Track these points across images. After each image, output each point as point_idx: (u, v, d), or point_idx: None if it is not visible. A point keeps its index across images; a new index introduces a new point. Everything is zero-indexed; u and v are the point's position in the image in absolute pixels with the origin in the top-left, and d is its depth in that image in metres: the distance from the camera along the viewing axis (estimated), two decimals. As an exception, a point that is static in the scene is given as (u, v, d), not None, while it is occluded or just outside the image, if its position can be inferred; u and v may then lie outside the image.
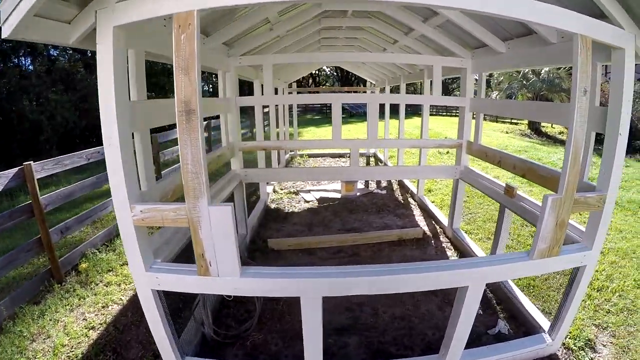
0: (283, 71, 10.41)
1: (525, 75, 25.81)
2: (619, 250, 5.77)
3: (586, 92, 2.54)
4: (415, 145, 7.05)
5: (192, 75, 2.21)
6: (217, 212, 2.40)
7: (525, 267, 2.86)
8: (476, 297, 2.78)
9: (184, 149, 2.30)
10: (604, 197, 2.83)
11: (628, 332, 3.87)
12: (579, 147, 2.60)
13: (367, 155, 13.89)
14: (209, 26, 4.25)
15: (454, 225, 6.05)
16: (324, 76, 49.14)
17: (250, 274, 2.62)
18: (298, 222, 6.93)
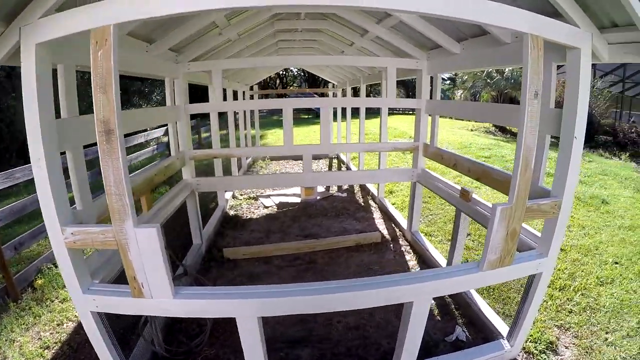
0: (242, 74, 10.27)
1: (489, 73, 26.08)
2: (581, 247, 5.82)
3: (537, 94, 2.46)
4: (368, 149, 7.02)
5: (110, 94, 2.10)
6: (144, 234, 2.29)
7: (475, 280, 2.78)
8: (422, 313, 2.70)
9: (106, 171, 2.19)
10: (559, 202, 2.76)
11: (591, 331, 3.87)
12: (530, 152, 2.52)
13: (330, 156, 13.84)
14: (153, 33, 4.11)
15: (412, 228, 6.00)
16: (291, 77, 49.00)
17: (183, 295, 2.51)
18: (256, 229, 6.80)
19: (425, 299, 2.67)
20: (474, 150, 14.42)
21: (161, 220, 4.12)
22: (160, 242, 2.32)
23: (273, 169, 12.27)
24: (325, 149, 5.81)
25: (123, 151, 2.19)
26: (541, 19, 2.37)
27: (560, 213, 2.78)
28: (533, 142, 2.50)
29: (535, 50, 2.39)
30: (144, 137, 10.30)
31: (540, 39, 2.38)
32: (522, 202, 2.58)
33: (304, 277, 5.02)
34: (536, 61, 2.40)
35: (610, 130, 17.55)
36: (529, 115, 2.46)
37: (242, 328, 2.51)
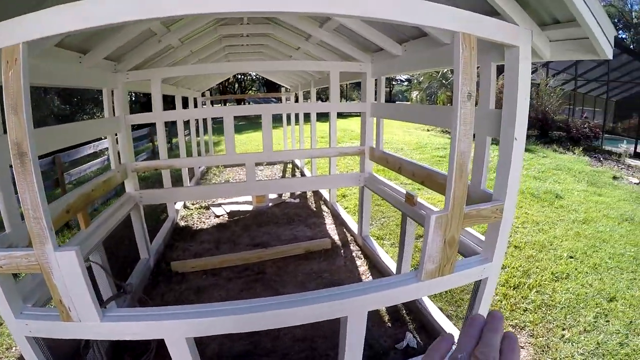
0: (193, 81, 10.12)
1: (444, 74, 26.55)
2: (535, 243, 5.94)
3: (470, 96, 2.34)
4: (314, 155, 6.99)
5: (22, 116, 1.99)
6: (64, 258, 2.20)
7: (414, 290, 2.69)
8: (359, 327, 2.63)
9: (23, 194, 2.09)
10: (500, 206, 2.69)
11: (547, 329, 3.91)
12: (465, 157, 2.41)
13: (285, 162, 13.75)
14: (86, 43, 3.98)
15: (363, 233, 6.01)
16: (250, 80, 48.68)
17: (111, 318, 2.41)
18: (206, 239, 6.68)
19: (360, 312, 2.60)
20: (429, 151, 14.61)
21: (101, 237, 3.98)
22: (81, 265, 2.23)
23: (226, 176, 12.11)
24: (268, 157, 5.74)
25: (38, 174, 2.09)
26: (474, 16, 2.27)
27: (503, 217, 2.72)
28: (468, 146, 2.41)
29: (468, 50, 2.28)
30: (94, 148, 10.02)
31: (472, 37, 2.28)
32: (459, 209, 2.49)
33: (253, 289, 4.95)
34: (468, 61, 2.30)
35: (563, 126, 18.06)
36: (462, 118, 2.35)
37: (171, 349, 2.43)
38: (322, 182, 6.78)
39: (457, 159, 2.40)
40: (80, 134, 4.30)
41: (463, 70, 2.30)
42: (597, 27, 2.27)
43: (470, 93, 2.34)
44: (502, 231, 2.78)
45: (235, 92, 45.54)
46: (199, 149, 12.58)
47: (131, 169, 5.11)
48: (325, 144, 14.43)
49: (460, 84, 2.31)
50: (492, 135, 2.93)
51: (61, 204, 3.52)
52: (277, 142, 16.21)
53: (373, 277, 5.15)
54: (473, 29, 2.27)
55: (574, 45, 2.55)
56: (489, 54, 2.88)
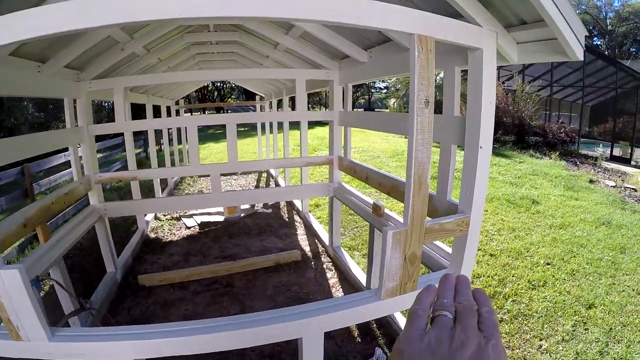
0: (164, 89, 9.98)
1: (421, 81, 26.84)
2: (511, 250, 5.90)
3: (428, 102, 2.20)
4: (282, 165, 6.93)
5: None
6: (7, 276, 2.10)
7: (374, 310, 2.55)
8: (316, 349, 2.50)
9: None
10: (466, 219, 2.58)
11: (524, 340, 3.86)
12: (424, 168, 2.28)
13: (260, 171, 13.61)
14: (45, 51, 3.86)
15: (334, 244, 5.94)
16: (229, 88, 48.53)
17: (60, 338, 2.30)
18: (176, 251, 6.55)
19: (316, 333, 2.47)
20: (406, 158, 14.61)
21: (61, 251, 3.86)
22: (26, 284, 2.13)
23: (200, 186, 11.96)
24: (233, 167, 5.65)
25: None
26: (431, 17, 2.16)
27: (470, 230, 2.63)
28: (426, 155, 2.28)
29: (424, 53, 2.14)
30: (65, 157, 9.80)
31: (430, 39, 2.16)
32: (419, 224, 2.35)
33: (220, 302, 4.85)
34: (425, 65, 2.16)
35: (540, 132, 18.23)
36: (419, 127, 2.21)
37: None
38: (292, 193, 6.68)
39: (415, 170, 2.27)
40: (40, 145, 4.17)
41: (419, 74, 2.16)
42: (566, 27, 2.18)
43: (427, 99, 2.21)
44: (469, 244, 2.69)
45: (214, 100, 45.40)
46: (173, 158, 12.41)
47: (95, 181, 4.98)
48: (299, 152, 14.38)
49: (416, 89, 2.17)
50: (457, 143, 2.84)
51: (18, 218, 3.41)
52: (253, 151, 16.20)
53: (343, 289, 5.08)
54: (430, 31, 2.16)
55: (542, 46, 2.47)
56: (452, 58, 2.80)
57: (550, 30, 2.24)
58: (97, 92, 5.07)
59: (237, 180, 12.13)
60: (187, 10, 1.83)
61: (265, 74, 6.56)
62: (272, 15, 1.97)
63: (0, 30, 1.85)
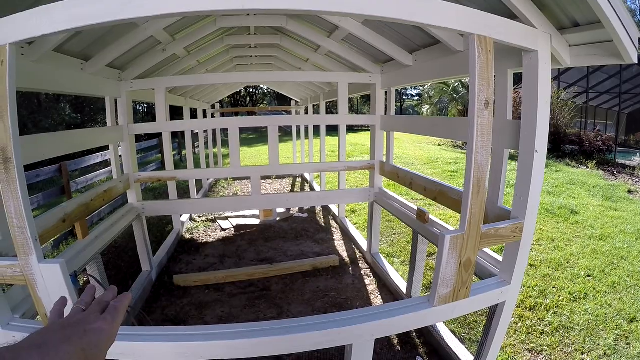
0: (201, 92, 10.05)
1: (455, 88, 26.48)
2: (551, 261, 5.71)
3: (488, 104, 2.13)
4: (321, 169, 6.81)
5: (6, 121, 1.86)
6: (48, 270, 2.06)
7: (426, 317, 2.45)
8: (366, 355, 2.40)
9: (6, 201, 1.96)
10: (520, 225, 2.47)
11: (565, 353, 3.69)
12: (483, 171, 2.19)
13: (294, 176, 13.62)
14: (88, 49, 3.88)
15: (372, 250, 5.81)
16: (261, 94, 48.86)
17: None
18: (211, 253, 6.52)
19: (366, 340, 2.37)
20: (440, 165, 14.44)
21: (99, 248, 3.85)
22: (66, 279, 2.08)
23: (235, 189, 11.96)
24: (274, 170, 5.57)
25: (22, 181, 1.96)
26: (490, 17, 2.09)
27: (523, 236, 2.51)
28: (485, 158, 2.20)
29: (484, 54, 2.09)
30: (102, 157, 9.96)
31: (489, 40, 2.09)
32: (476, 228, 2.27)
33: (257, 306, 4.77)
34: (485, 66, 2.10)
35: (576, 140, 17.81)
36: (479, 129, 2.15)
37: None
38: (330, 197, 6.54)
39: (475, 174, 2.18)
40: (81, 142, 4.20)
41: (479, 75, 2.09)
42: (622, 29, 2.06)
43: (487, 101, 2.13)
44: (522, 252, 2.56)
45: (246, 105, 45.72)
46: (208, 161, 12.48)
47: (134, 180, 4.99)
48: (335, 158, 14.31)
49: (477, 91, 2.10)
50: (510, 147, 2.73)
51: (57, 213, 3.39)
52: (287, 156, 16.19)
53: (382, 296, 4.95)
54: (489, 31, 2.08)
55: (595, 49, 2.35)
56: (504, 60, 2.68)
57: (605, 32, 2.13)
58: (137, 92, 5.09)
59: (272, 185, 12.12)
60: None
61: (307, 76, 6.47)
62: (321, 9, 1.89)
63: (47, 17, 1.82)
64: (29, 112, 16.64)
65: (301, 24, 4.90)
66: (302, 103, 12.86)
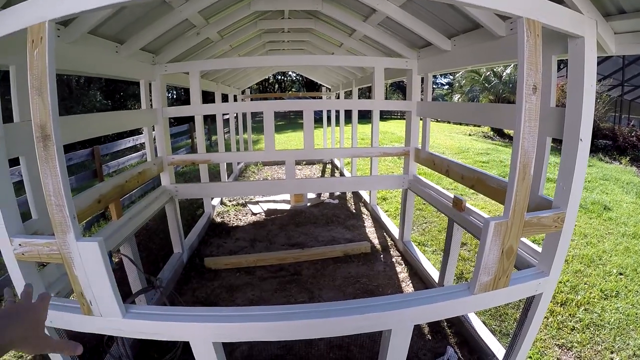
0: (232, 78, 10.06)
1: (487, 77, 26.00)
2: (584, 257, 5.56)
3: (536, 89, 2.08)
4: (355, 154, 6.73)
5: (46, 97, 1.86)
6: (86, 248, 2.05)
7: (466, 304, 2.41)
8: (403, 342, 2.38)
9: (45, 179, 1.96)
10: (562, 215, 2.39)
11: (595, 351, 3.58)
12: (529, 157, 2.14)
13: (324, 162, 13.60)
14: (122, 32, 3.90)
15: (404, 238, 5.74)
16: (290, 81, 48.91)
17: (134, 315, 2.25)
18: (241, 237, 6.55)
19: (406, 326, 2.34)
20: (471, 155, 14.24)
21: (132, 229, 3.89)
22: (104, 258, 2.09)
23: (264, 174, 12.02)
24: (308, 155, 5.52)
25: (61, 158, 1.95)
26: (539, 1, 2.04)
27: (564, 227, 2.43)
28: (532, 144, 2.15)
29: (533, 37, 2.03)
30: (134, 141, 10.10)
31: (537, 23, 2.03)
32: (519, 216, 2.22)
33: (288, 290, 4.78)
34: (533, 50, 2.05)
35: (609, 134, 17.33)
36: (527, 114, 2.10)
37: (196, 353, 2.28)
38: (363, 183, 6.47)
39: (521, 159, 2.13)
40: (117, 124, 4.25)
41: (528, 60, 2.04)
42: None
43: (535, 86, 2.07)
44: (562, 243, 2.49)
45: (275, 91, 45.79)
46: (238, 146, 12.55)
47: (167, 162, 5.02)
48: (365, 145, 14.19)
49: (525, 75, 2.05)
50: (553, 135, 2.65)
51: (93, 194, 3.43)
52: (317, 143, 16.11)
53: (413, 285, 4.90)
54: (537, 15, 2.02)
55: None
56: (549, 46, 2.58)
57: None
58: (171, 75, 5.11)
59: (301, 170, 12.14)
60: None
61: (343, 61, 6.36)
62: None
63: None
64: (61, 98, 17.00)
65: (337, 7, 4.83)
66: (334, 89, 12.77)
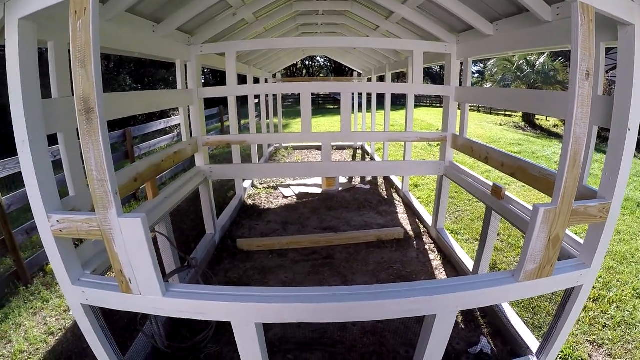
0: (263, 61, 10.01)
1: (519, 66, 25.42)
2: (616, 253, 5.38)
3: (589, 75, 2.03)
4: (393, 138, 6.62)
5: (90, 69, 1.82)
6: (128, 225, 2.02)
7: (510, 291, 2.40)
8: (447, 327, 2.35)
9: (87, 153, 1.93)
10: (607, 206, 2.33)
11: (626, 350, 3.47)
12: (580, 144, 2.10)
13: (355, 147, 13.49)
14: (159, 11, 3.88)
15: (438, 225, 5.65)
16: (318, 67, 48.70)
17: (175, 294, 2.24)
18: (273, 219, 6.55)
19: (450, 311, 2.31)
20: (503, 146, 14.04)
21: (168, 209, 3.89)
22: (147, 234, 2.06)
23: (295, 158, 11.99)
24: (345, 138, 5.44)
25: (105, 132, 1.92)
26: None
27: (608, 218, 2.36)
28: (583, 131, 2.10)
29: (586, 22, 1.99)
30: (165, 124, 10.16)
31: (591, 8, 1.98)
32: (568, 204, 2.18)
33: (321, 273, 4.75)
34: (587, 35, 2.00)
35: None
36: (580, 100, 2.05)
37: (237, 333, 2.24)
38: (399, 168, 6.41)
39: (572, 146, 2.09)
40: (155, 102, 4.25)
41: (582, 45, 2.00)
42: None
43: (588, 71, 2.03)
44: (605, 234, 2.43)
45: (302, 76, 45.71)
46: (269, 130, 12.55)
47: (202, 143, 5.01)
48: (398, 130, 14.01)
49: (579, 60, 2.01)
50: (600, 124, 2.58)
51: (130, 172, 3.43)
52: (345, 129, 16.04)
53: (447, 273, 4.82)
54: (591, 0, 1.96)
55: None
56: (598, 33, 2.48)
57: None
58: (206, 57, 5.08)
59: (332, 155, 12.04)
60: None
61: (380, 43, 6.22)
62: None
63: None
64: (91, 82, 17.34)
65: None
66: (365, 74, 12.62)
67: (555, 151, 13.87)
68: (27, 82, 1.97)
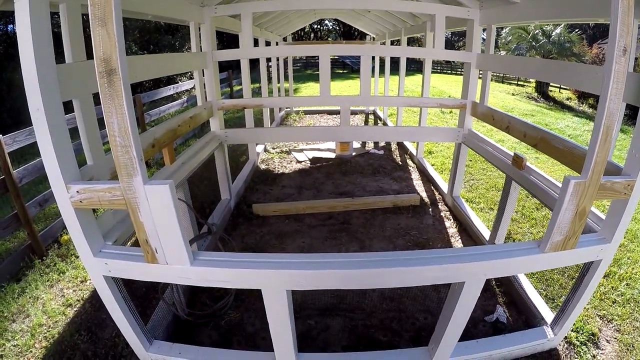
0: (275, 24, 9.79)
1: (534, 36, 24.82)
2: (628, 231, 5.25)
3: (625, 51, 1.98)
4: (412, 103, 6.44)
5: (111, 28, 1.71)
6: (155, 192, 1.96)
7: (535, 261, 2.41)
8: (473, 295, 2.36)
9: (109, 118, 1.83)
10: (632, 183, 2.30)
11: (634, 327, 3.46)
12: (613, 120, 2.06)
13: (366, 112, 13.33)
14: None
15: (454, 192, 5.60)
16: (326, 31, 47.89)
17: (203, 262, 2.21)
18: (288, 184, 6.53)
19: (479, 279, 2.32)
20: (516, 114, 13.76)
21: (185, 174, 3.84)
22: (174, 201, 2.00)
23: (306, 122, 11.89)
24: (364, 101, 5.34)
25: (129, 95, 1.83)
26: None
27: (632, 195, 2.34)
28: (617, 106, 2.06)
29: None
30: (174, 89, 10.05)
31: None
32: (597, 178, 2.17)
33: (338, 238, 4.75)
34: (627, 10, 1.92)
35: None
36: (615, 76, 2.00)
37: (268, 301, 2.22)
38: (417, 134, 6.32)
39: (605, 121, 2.06)
40: (170, 66, 4.16)
41: (621, 20, 1.93)
42: None
43: (625, 48, 1.98)
44: (628, 211, 2.41)
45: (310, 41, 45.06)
46: (280, 94, 12.39)
47: (217, 107, 4.93)
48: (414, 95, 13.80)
49: (617, 36, 1.95)
50: (629, 101, 2.51)
51: (147, 138, 3.36)
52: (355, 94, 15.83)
53: (462, 241, 4.80)
54: None
55: None
56: None
57: None
58: (219, 19, 4.97)
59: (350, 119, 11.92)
60: None
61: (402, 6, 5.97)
62: None
63: None
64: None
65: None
66: (379, 38, 12.35)
67: (569, 124, 13.70)
68: (39, 46, 1.84)
